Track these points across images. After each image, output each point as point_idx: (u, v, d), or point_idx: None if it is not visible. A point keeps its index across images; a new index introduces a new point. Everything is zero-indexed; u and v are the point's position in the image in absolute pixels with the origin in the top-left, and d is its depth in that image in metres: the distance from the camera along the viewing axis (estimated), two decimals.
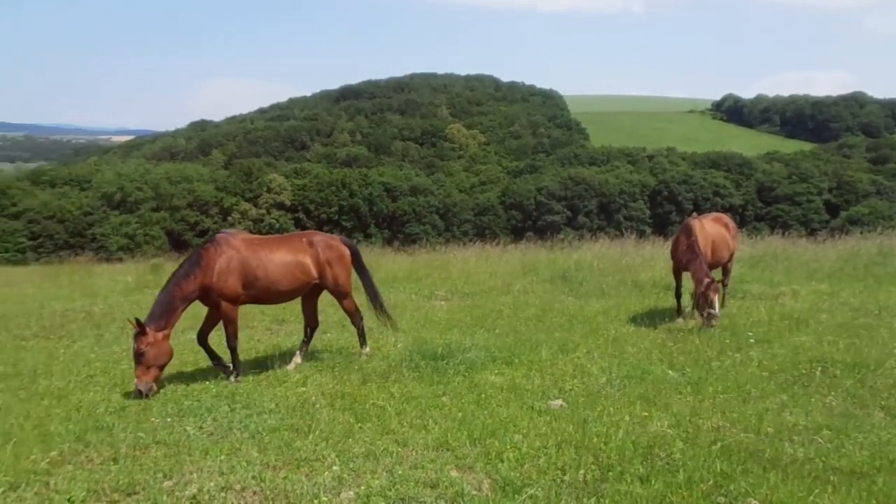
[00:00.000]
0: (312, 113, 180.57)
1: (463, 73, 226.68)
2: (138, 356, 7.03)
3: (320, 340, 9.65)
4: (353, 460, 5.01)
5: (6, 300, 14.70)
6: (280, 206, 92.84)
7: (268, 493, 4.51)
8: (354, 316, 8.78)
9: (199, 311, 8.15)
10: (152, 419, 6.11)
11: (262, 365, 8.29)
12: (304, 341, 8.69)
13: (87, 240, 73.58)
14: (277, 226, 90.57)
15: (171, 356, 7.38)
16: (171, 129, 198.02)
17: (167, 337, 7.31)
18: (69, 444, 5.51)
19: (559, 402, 6.43)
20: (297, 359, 8.39)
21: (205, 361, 8.55)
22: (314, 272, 8.22)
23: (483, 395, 6.70)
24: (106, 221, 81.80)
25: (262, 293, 7.99)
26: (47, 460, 5.12)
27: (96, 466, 5.04)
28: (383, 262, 19.45)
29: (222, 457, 5.12)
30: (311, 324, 8.75)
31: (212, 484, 4.59)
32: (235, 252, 7.70)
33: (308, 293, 8.55)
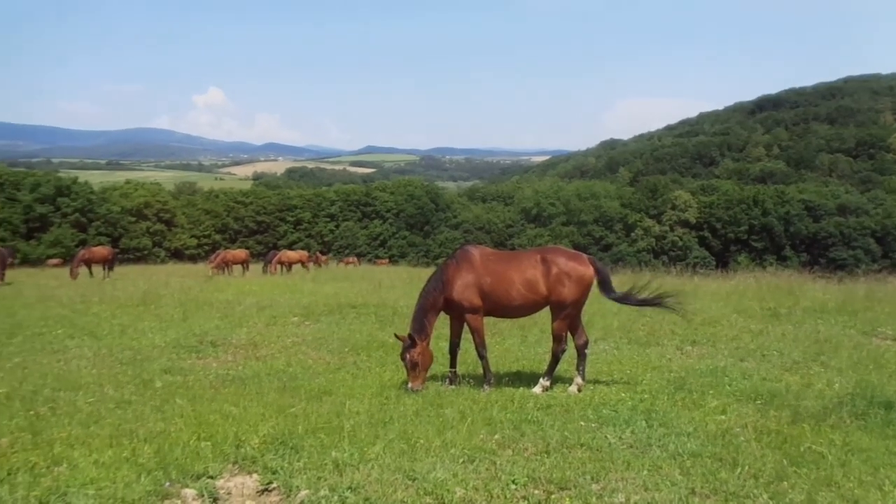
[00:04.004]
0: (724, 127, 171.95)
1: None
2: (413, 365, 7.82)
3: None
4: None
5: None
6: (685, 223, 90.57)
7: None
8: (558, 342, 8.11)
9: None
10: (580, 422, 6.51)
11: (678, 386, 8.13)
12: (578, 361, 8.22)
13: (507, 249, 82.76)
14: (680, 243, 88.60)
15: (433, 359, 8.12)
16: (583, 148, 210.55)
17: (428, 344, 8.00)
18: (508, 430, 6.23)
19: None
20: (578, 380, 8.06)
21: (610, 375, 8.79)
22: (543, 289, 7.94)
23: None
24: (523, 233, 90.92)
25: (495, 307, 8.14)
26: (493, 441, 5.87)
27: (531, 456, 5.57)
28: (805, 288, 17.39)
29: (644, 472, 5.16)
30: (579, 341, 8.25)
31: (637, 497, 4.65)
32: (471, 267, 8.04)
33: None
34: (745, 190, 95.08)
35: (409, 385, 7.83)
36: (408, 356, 7.87)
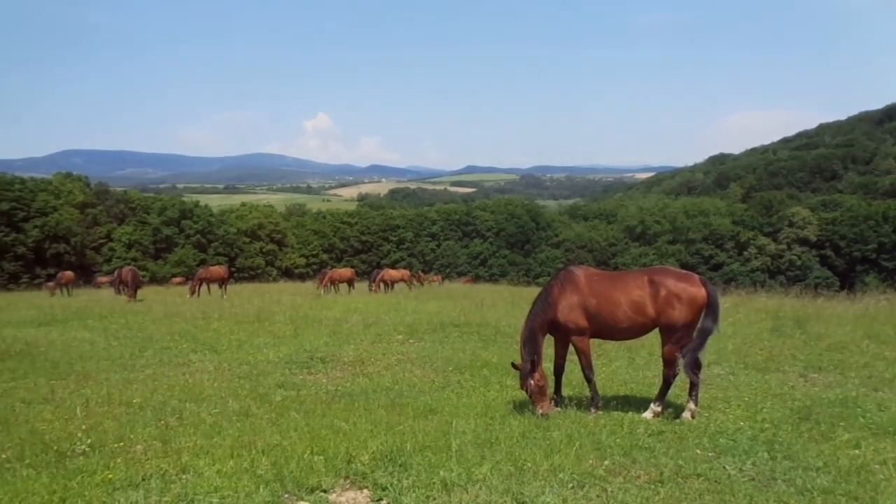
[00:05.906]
0: (847, 139, 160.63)
1: None
2: (539, 388, 7.66)
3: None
4: None
5: None
6: (803, 241, 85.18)
7: None
8: (670, 366, 7.76)
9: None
10: (695, 451, 6.21)
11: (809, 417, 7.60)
12: (691, 386, 7.73)
13: (610, 268, 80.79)
14: (799, 262, 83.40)
15: (547, 379, 7.91)
16: (690, 164, 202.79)
17: (541, 366, 7.83)
18: (618, 456, 6.04)
19: None
20: (692, 406, 7.63)
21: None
22: (651, 311, 7.67)
23: None
24: (626, 252, 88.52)
25: (601, 329, 7.97)
26: (602, 467, 5.70)
27: (644, 484, 5.36)
28: None
29: None
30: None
31: None
32: (575, 288, 7.91)
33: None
34: (874, 205, 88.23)
35: (539, 412, 7.63)
36: (531, 382, 7.72)
